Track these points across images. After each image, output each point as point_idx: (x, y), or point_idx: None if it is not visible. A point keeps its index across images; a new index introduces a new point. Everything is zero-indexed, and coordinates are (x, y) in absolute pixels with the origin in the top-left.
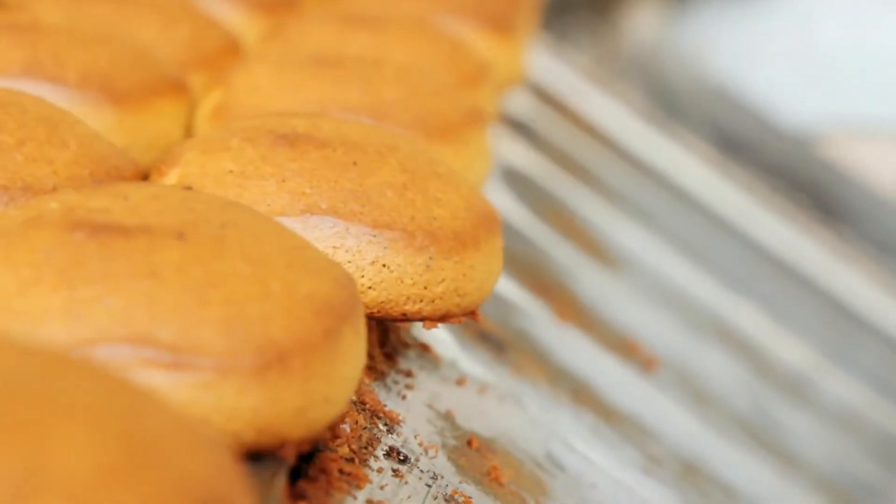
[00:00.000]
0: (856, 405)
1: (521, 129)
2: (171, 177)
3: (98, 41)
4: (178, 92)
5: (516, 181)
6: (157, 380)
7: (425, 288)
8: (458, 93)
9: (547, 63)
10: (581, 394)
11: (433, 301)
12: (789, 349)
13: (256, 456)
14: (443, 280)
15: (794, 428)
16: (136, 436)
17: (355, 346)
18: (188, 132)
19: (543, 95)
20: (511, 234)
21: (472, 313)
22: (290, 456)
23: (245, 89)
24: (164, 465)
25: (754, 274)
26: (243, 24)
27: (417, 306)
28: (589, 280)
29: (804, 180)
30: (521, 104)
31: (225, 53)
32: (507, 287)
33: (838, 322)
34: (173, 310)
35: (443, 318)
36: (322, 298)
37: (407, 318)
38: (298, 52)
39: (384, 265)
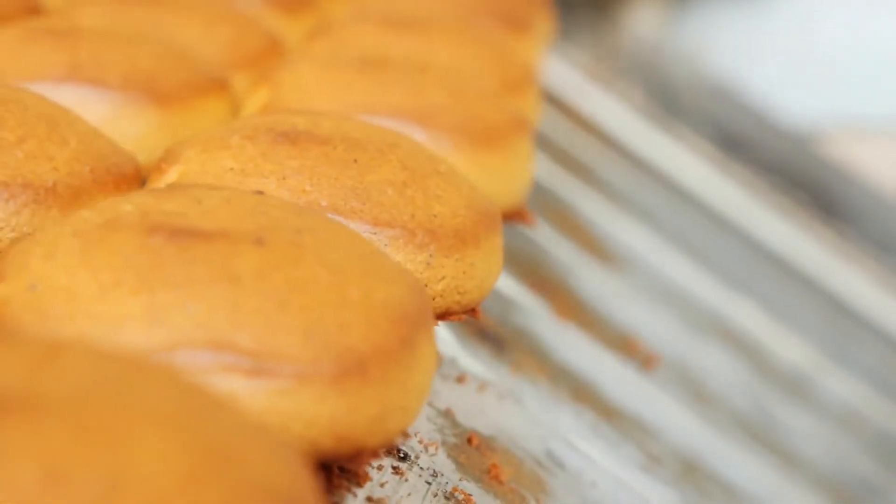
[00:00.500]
0: (856, 404)
1: None
2: (172, 174)
3: (138, 43)
4: (219, 91)
5: None
6: (237, 386)
7: (425, 285)
8: (503, 99)
9: (548, 61)
10: (581, 392)
11: (433, 299)
12: (789, 348)
13: None
14: (443, 278)
15: (794, 426)
16: (215, 442)
17: (429, 353)
18: None
19: (544, 93)
20: (511, 231)
21: (472, 311)
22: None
23: (291, 89)
24: (242, 471)
25: (754, 272)
26: (270, 22)
27: None
28: (589, 278)
29: (804, 178)
30: None
31: (267, 53)
32: (508, 285)
33: (838, 320)
34: (254, 316)
35: (443, 315)
36: (398, 306)
37: None
38: (344, 53)
39: None
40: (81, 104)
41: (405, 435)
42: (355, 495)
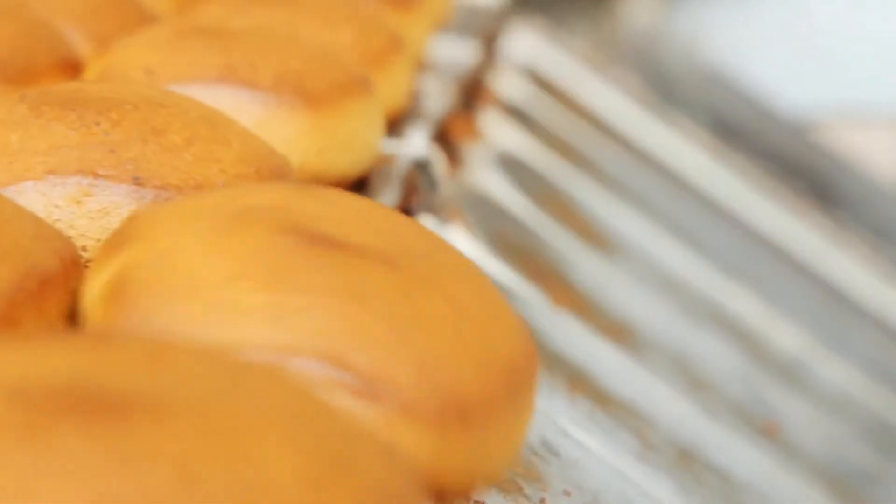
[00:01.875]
0: (851, 391)
1: (517, 114)
2: None
3: (287, 44)
4: (366, 91)
5: (512, 167)
6: (343, 404)
7: None
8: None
9: (544, 49)
10: (576, 380)
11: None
12: (785, 335)
13: None
14: None
15: (790, 413)
16: (337, 448)
17: (531, 405)
18: (378, 131)
19: (540, 81)
20: (507, 219)
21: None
22: None
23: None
24: (363, 477)
25: (750, 260)
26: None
27: None
28: (585, 266)
29: (801, 166)
30: (517, 90)
31: (389, 51)
32: (503, 273)
33: (834, 308)
34: (375, 338)
35: None
36: (510, 355)
37: None
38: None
39: None
40: (234, 106)
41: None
42: None
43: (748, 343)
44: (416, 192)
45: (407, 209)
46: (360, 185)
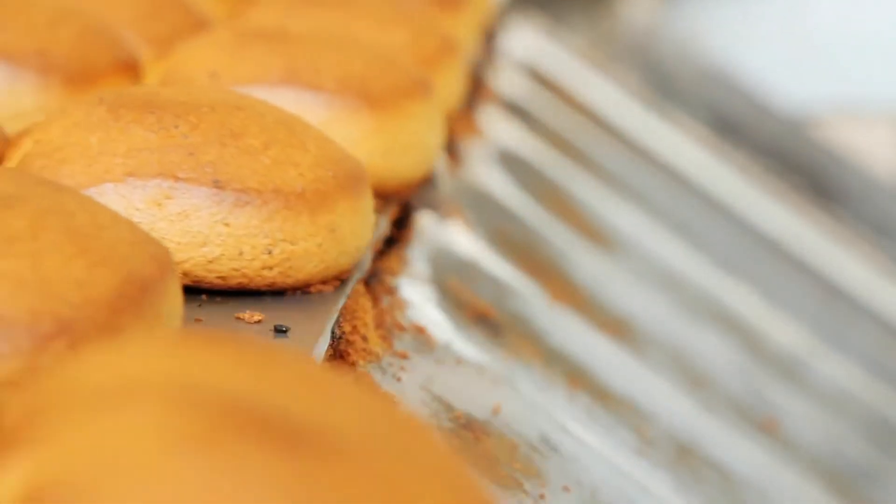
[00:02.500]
0: (850, 387)
1: (516, 111)
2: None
3: (348, 47)
4: (427, 94)
5: (512, 163)
6: None
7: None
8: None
9: (543, 45)
10: (575, 376)
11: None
12: (784, 331)
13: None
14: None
15: (789, 410)
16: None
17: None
18: (438, 133)
19: (540, 78)
20: (506, 215)
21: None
22: None
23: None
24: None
25: (749, 256)
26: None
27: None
28: (584, 262)
29: (799, 162)
30: (517, 86)
31: (441, 53)
32: (502, 269)
33: (833, 304)
34: None
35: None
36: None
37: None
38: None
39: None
40: (298, 108)
41: None
42: None
43: (747, 339)
44: (415, 189)
45: (407, 206)
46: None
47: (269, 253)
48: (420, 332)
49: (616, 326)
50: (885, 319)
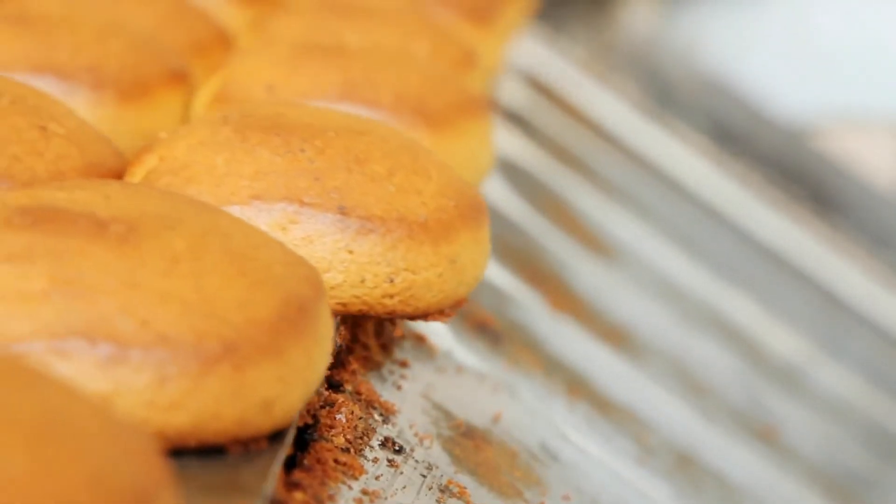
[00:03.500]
0: (848, 395)
1: (516, 120)
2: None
3: (402, 62)
4: (482, 111)
5: (512, 172)
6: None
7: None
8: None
9: (543, 54)
10: (575, 384)
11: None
12: (783, 340)
13: (249, 444)
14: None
15: (788, 418)
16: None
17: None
18: (490, 150)
19: (539, 86)
20: (506, 224)
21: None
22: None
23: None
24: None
25: (748, 265)
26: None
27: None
28: (584, 271)
29: (799, 172)
30: (516, 95)
31: (463, 65)
32: (503, 278)
33: (831, 313)
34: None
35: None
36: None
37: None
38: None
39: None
40: None
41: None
42: (350, 487)
43: (746, 348)
44: None
45: None
46: None
47: (391, 282)
48: (421, 340)
49: (616, 335)
50: (884, 329)
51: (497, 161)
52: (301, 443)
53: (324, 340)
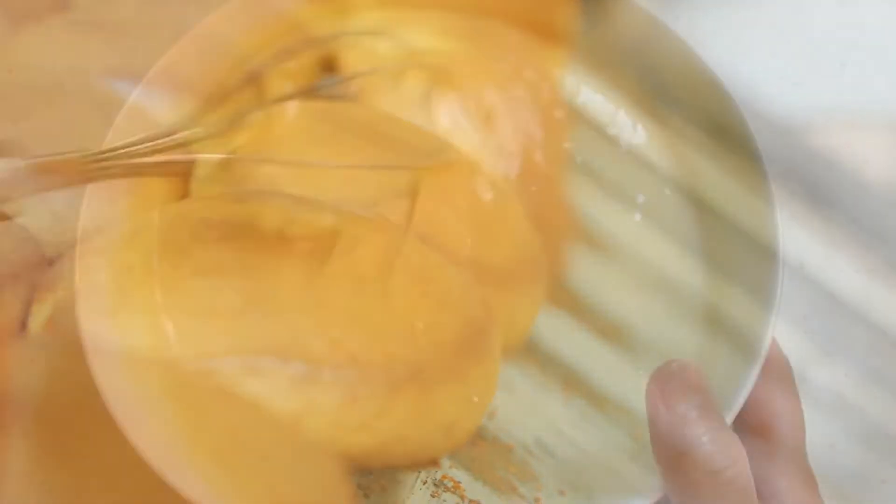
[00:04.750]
0: (846, 393)
1: None
2: None
3: None
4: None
5: None
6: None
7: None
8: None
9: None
10: (571, 380)
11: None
12: (780, 338)
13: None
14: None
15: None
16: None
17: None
18: None
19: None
20: None
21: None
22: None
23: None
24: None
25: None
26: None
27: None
28: (579, 266)
29: (795, 169)
30: None
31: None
32: None
33: (829, 311)
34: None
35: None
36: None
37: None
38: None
39: None
40: None
41: None
42: None
43: None
44: None
45: None
46: None
47: None
48: None
49: (611, 330)
50: (882, 326)
51: None
52: None
53: (497, 363)
